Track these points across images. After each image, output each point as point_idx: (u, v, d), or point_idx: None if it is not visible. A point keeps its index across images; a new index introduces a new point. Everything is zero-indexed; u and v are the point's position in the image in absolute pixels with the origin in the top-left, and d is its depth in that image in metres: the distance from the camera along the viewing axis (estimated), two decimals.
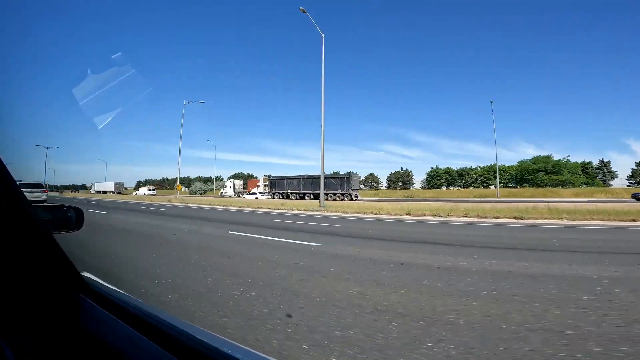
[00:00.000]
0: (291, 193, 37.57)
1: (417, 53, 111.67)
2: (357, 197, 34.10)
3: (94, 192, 74.52)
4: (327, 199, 28.82)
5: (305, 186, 36.70)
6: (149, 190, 58.99)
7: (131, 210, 17.07)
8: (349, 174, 36.91)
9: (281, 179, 40.14)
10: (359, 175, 39.50)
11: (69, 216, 1.53)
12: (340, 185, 34.39)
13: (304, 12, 19.15)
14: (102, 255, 5.09)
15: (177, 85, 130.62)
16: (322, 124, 19.65)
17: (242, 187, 49.44)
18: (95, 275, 3.59)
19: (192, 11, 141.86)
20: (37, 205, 1.26)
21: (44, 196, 19.79)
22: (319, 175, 29.40)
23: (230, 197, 43.76)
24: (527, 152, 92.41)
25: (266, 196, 38.91)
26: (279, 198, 36.43)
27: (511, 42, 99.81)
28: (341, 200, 32.01)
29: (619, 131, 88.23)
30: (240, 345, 0.68)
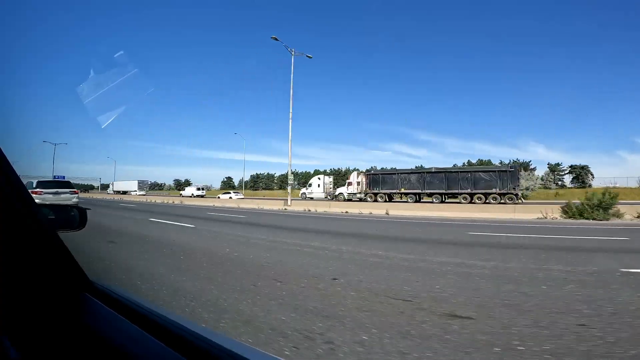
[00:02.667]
0: (405, 193, 27.59)
1: (422, 52, 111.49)
2: (520, 198, 24.23)
3: (111, 192, 63.24)
4: (472, 202, 23.53)
5: (431, 184, 26.45)
6: (198, 190, 48.91)
7: (220, 220, 11.71)
8: (513, 165, 26.04)
9: (389, 174, 30.16)
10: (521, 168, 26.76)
11: (73, 215, 1.54)
12: (498, 182, 23.84)
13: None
14: None
15: (180, 84, 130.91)
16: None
17: (332, 185, 37.63)
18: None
19: (193, 11, 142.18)
20: (42, 205, 1.27)
21: (74, 198, 14.58)
22: (463, 170, 24.07)
23: (320, 199, 32.40)
24: (537, 151, 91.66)
25: (339, 197, 31.06)
26: (383, 200, 27.68)
27: (518, 40, 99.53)
28: (499, 203, 22.52)
29: (629, 129, 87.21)
30: (246, 344, 0.68)
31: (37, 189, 13.45)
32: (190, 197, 40.80)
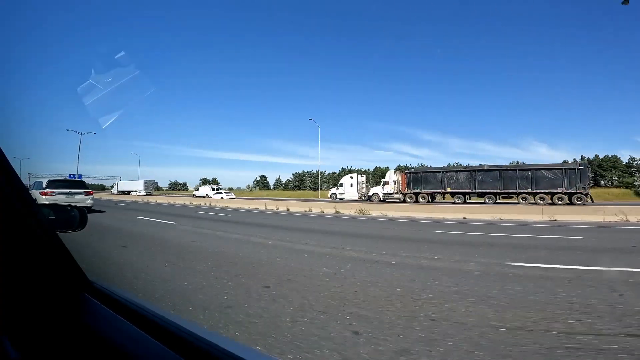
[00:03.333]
0: (452, 194, 25.46)
1: (423, 51, 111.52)
2: (590, 198, 21.90)
3: (116, 192, 59.30)
4: (532, 202, 21.40)
5: (484, 183, 24.22)
6: (213, 190, 44.08)
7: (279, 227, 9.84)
8: (582, 163, 23.33)
9: (432, 172, 27.46)
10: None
11: (73, 216, 1.54)
12: (565, 180, 21.74)
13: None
14: None
15: (181, 84, 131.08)
16: None
17: (364, 185, 33.71)
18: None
19: (194, 10, 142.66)
20: (43, 205, 1.27)
21: (88, 200, 13.38)
22: (523, 167, 21.93)
23: (352, 200, 28.43)
24: (539, 151, 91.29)
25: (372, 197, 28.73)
26: (425, 201, 25.91)
27: (521, 39, 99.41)
28: (567, 204, 20.35)
29: (632, 129, 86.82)
30: (244, 345, 0.68)
31: (48, 189, 12.33)
32: (204, 197, 36.65)
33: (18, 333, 0.68)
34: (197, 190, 47.63)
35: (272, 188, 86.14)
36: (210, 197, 36.81)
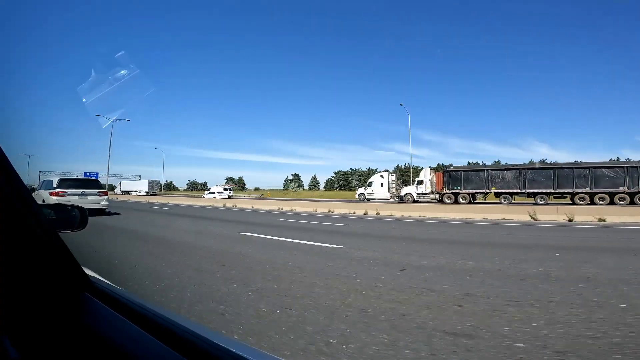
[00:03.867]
0: (498, 194, 23.80)
1: (424, 50, 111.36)
2: None
3: (119, 192, 58.09)
4: (590, 203, 20.34)
5: (535, 182, 22.82)
6: (226, 190, 43.68)
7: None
8: None
9: (475, 170, 25.96)
10: None
11: (74, 215, 1.54)
12: (627, 179, 20.53)
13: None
14: None
15: (181, 84, 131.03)
16: None
17: (394, 184, 30.85)
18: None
19: (194, 10, 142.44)
20: (43, 205, 1.27)
21: (103, 201, 12.39)
22: (579, 166, 20.65)
23: (383, 200, 27.28)
24: (540, 151, 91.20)
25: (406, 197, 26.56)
26: (466, 202, 24.03)
27: (522, 39, 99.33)
28: (628, 204, 18.97)
29: (632, 129, 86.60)
30: (246, 344, 0.68)
31: (59, 189, 11.27)
32: (214, 199, 34.82)
33: (18, 333, 0.68)
34: (207, 191, 46.10)
35: (306, 188, 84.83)
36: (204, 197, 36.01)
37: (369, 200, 27.99)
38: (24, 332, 0.69)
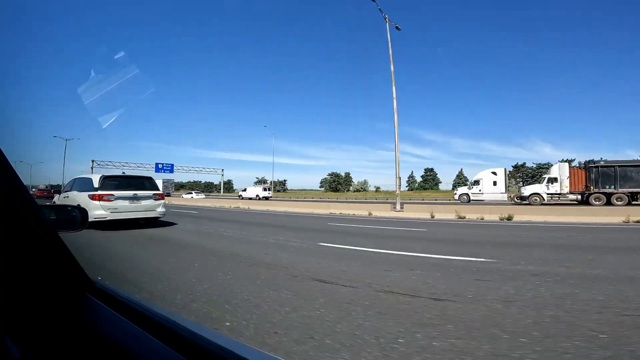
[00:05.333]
0: None
1: (425, 50, 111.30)
2: None
3: None
4: None
5: None
6: (265, 190, 41.17)
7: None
8: None
9: (636, 166, 20.79)
10: None
11: (74, 216, 1.54)
12: None
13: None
14: None
15: (181, 84, 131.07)
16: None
17: (508, 182, 26.34)
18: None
19: (195, 9, 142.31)
20: (43, 205, 1.26)
21: (159, 208, 9.10)
22: None
23: (494, 201, 23.86)
24: (544, 151, 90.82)
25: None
26: (624, 203, 19.68)
27: (527, 39, 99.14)
28: None
29: (636, 129, 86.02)
30: (248, 345, 0.68)
31: (104, 191, 8.04)
32: (255, 199, 33.43)
33: (20, 333, 0.68)
34: (245, 191, 43.54)
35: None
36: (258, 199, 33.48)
37: (474, 201, 24.01)
38: (25, 331, 0.69)
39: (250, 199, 34.96)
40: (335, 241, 6.86)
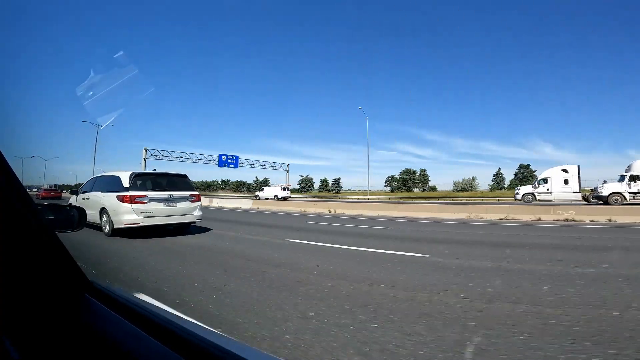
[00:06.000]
0: None
1: (426, 49, 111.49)
2: None
3: None
4: None
5: None
6: (284, 190, 38.75)
7: None
8: None
9: None
10: None
11: (72, 216, 1.54)
12: None
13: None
14: None
15: (180, 84, 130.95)
16: None
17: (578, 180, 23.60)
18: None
19: (195, 10, 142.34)
20: (41, 205, 1.26)
21: (196, 211, 7.80)
22: None
23: (564, 201, 21.73)
24: (544, 151, 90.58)
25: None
26: None
27: (526, 39, 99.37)
28: None
29: (637, 129, 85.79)
30: (247, 345, 0.68)
31: (135, 192, 6.84)
32: (273, 199, 31.75)
33: (18, 333, 0.68)
34: (262, 190, 42.06)
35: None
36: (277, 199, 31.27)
37: (540, 202, 21.77)
38: (24, 332, 0.69)
39: (267, 199, 34.20)
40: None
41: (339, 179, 77.84)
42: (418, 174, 68.11)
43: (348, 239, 7.14)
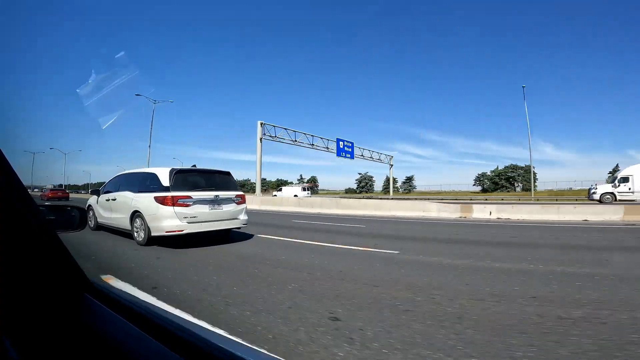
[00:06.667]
0: None
1: (427, 49, 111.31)
2: None
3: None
4: None
5: None
6: (304, 190, 37.36)
7: None
8: None
9: None
10: None
11: (73, 216, 1.54)
12: None
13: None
14: None
15: (180, 84, 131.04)
16: None
17: None
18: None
19: (196, 10, 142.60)
20: (42, 206, 1.26)
21: (242, 215, 6.66)
22: None
23: None
24: (545, 151, 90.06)
25: None
26: None
27: (527, 39, 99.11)
28: None
29: (638, 129, 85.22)
30: (247, 344, 0.68)
31: (176, 192, 5.73)
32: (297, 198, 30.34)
33: (18, 333, 0.68)
34: (280, 190, 40.39)
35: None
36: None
37: (621, 202, 19.52)
38: (24, 332, 0.69)
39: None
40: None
41: (411, 176, 66.58)
42: (523, 171, 55.12)
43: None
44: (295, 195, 34.17)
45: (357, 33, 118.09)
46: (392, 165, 43.51)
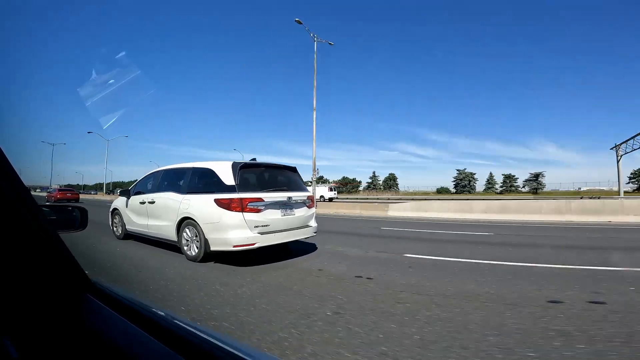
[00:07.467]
0: None
1: (431, 49, 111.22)
2: None
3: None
4: None
5: None
6: (331, 190, 35.83)
7: None
8: None
9: None
10: None
11: (74, 216, 1.54)
12: None
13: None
14: None
15: (180, 85, 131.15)
16: None
17: None
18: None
19: (196, 10, 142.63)
20: (43, 205, 1.26)
21: (312, 221, 5.31)
22: None
23: None
24: (547, 150, 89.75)
25: None
26: None
27: (528, 37, 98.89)
28: None
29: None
30: (246, 344, 0.68)
31: (247, 194, 4.39)
32: (320, 200, 28.40)
33: (19, 333, 0.68)
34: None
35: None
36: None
37: None
38: (24, 332, 0.69)
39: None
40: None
41: (539, 173, 53.41)
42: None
43: None
44: (322, 196, 32.55)
45: (355, 35, 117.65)
46: (620, 156, 30.06)
